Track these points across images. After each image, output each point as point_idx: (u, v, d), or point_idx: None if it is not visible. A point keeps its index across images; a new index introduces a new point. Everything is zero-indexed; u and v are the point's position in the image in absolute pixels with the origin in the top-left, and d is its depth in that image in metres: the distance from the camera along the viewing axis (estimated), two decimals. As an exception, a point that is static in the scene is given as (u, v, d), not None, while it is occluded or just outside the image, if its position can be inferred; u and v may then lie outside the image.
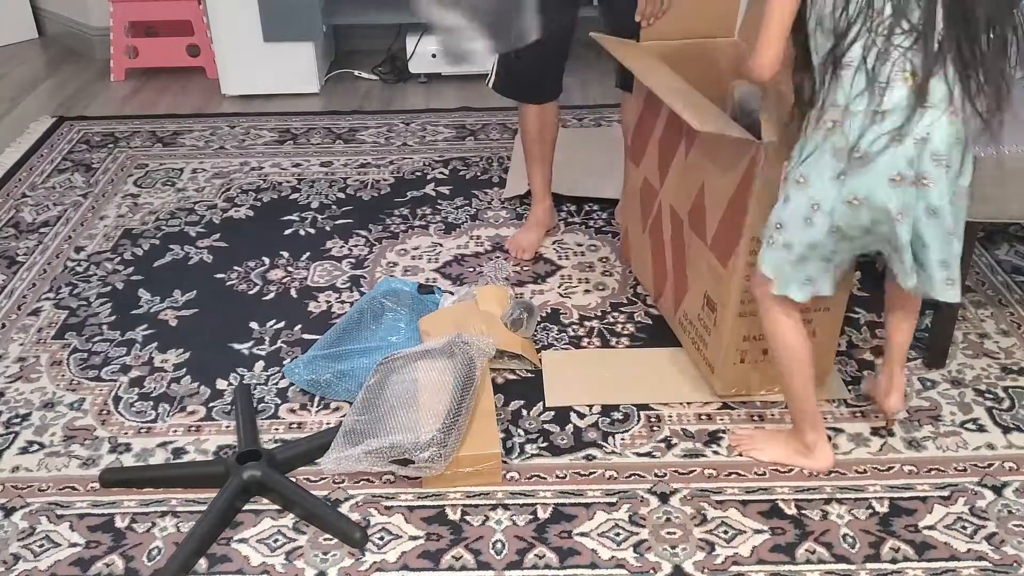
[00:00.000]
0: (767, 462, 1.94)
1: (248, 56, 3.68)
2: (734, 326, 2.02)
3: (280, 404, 2.13)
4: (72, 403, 2.15)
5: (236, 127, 3.51)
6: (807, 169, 1.68)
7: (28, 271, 2.64)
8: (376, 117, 3.58)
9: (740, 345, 2.04)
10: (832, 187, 1.65)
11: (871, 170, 1.61)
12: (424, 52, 3.83)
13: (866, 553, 1.74)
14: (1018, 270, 2.55)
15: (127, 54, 3.98)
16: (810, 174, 1.68)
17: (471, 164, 3.19)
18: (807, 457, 1.93)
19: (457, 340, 2.07)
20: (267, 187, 3.07)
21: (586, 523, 1.82)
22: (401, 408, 1.93)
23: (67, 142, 3.39)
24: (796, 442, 1.94)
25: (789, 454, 1.94)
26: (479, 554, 1.76)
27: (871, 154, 1.60)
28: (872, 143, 1.60)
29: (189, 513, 1.85)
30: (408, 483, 1.91)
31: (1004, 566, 1.72)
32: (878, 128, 1.59)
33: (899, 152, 1.59)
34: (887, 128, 1.59)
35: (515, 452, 1.98)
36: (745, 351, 2.05)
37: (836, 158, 1.64)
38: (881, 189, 1.61)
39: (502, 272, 2.60)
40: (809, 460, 1.93)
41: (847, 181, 1.63)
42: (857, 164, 1.61)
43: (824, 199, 1.67)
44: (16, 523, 1.84)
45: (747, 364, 2.07)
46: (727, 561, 1.73)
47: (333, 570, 1.73)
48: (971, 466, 1.93)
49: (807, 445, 1.92)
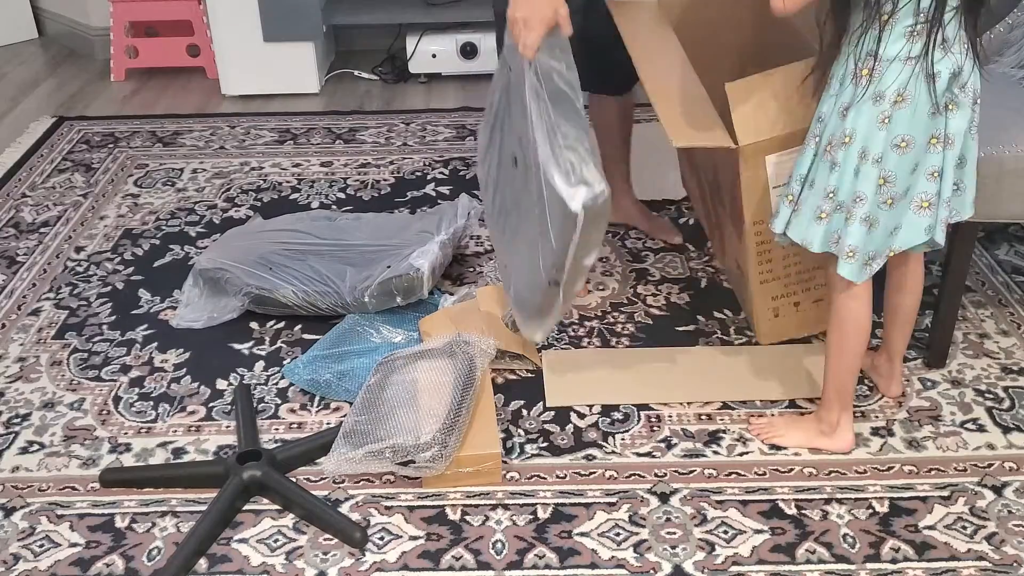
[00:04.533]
0: (790, 447, 1.95)
1: (248, 56, 3.68)
2: (759, 291, 2.16)
3: (280, 404, 2.13)
4: (72, 403, 2.15)
5: (236, 127, 3.51)
6: (851, 124, 1.68)
7: (28, 271, 2.64)
8: (376, 117, 3.58)
9: (770, 304, 2.18)
10: (878, 133, 1.67)
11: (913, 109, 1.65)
12: (424, 52, 3.83)
13: (866, 553, 1.74)
14: (1018, 270, 2.55)
15: (127, 54, 3.98)
16: (856, 126, 1.68)
17: (471, 164, 3.19)
18: (830, 437, 1.94)
19: (458, 340, 2.07)
20: (267, 187, 3.07)
21: (586, 523, 1.82)
22: (401, 408, 1.93)
23: (67, 142, 3.39)
24: (819, 423, 1.95)
25: (811, 436, 1.96)
26: (479, 554, 1.76)
27: (911, 96, 1.64)
28: (907, 86, 1.64)
29: (189, 513, 1.85)
30: (408, 483, 1.91)
31: (1004, 566, 1.72)
32: (911, 71, 1.63)
33: (934, 89, 1.64)
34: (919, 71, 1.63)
35: (515, 452, 1.98)
36: (777, 308, 2.19)
37: (877, 104, 1.66)
38: (923, 123, 1.66)
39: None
40: (832, 441, 1.94)
41: (890, 126, 1.66)
42: (900, 106, 1.65)
43: (872, 145, 1.68)
44: (16, 523, 1.84)
45: (781, 318, 2.21)
46: (727, 561, 1.73)
47: (333, 570, 1.73)
48: (971, 466, 1.93)
49: (832, 424, 1.93)
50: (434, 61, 3.85)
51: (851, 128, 1.68)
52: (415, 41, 3.83)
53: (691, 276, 2.55)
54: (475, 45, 3.77)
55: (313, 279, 2.36)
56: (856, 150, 1.69)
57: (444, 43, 3.81)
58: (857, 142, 1.68)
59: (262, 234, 2.60)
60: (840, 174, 1.71)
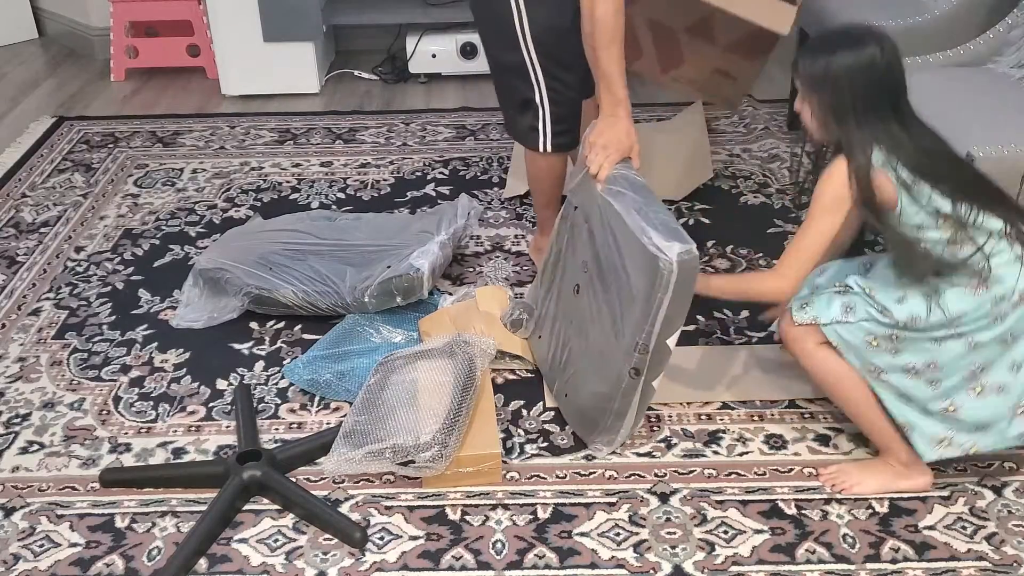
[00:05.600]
0: (871, 493, 1.87)
1: (248, 56, 3.68)
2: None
3: (280, 404, 2.13)
4: (72, 403, 2.15)
5: (236, 127, 3.51)
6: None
7: (28, 271, 2.64)
8: (376, 117, 3.58)
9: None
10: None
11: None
12: (424, 52, 3.83)
13: (866, 553, 1.74)
14: (1018, 270, 2.55)
15: (127, 54, 3.98)
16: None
17: (471, 164, 3.19)
18: (908, 478, 1.87)
19: (458, 340, 2.07)
20: (267, 187, 3.07)
21: (586, 523, 1.82)
22: (401, 408, 1.93)
23: (67, 142, 3.39)
24: (892, 465, 1.88)
25: (889, 480, 1.87)
26: (479, 554, 1.76)
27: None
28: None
29: (189, 513, 1.85)
30: (408, 483, 1.91)
31: (1004, 566, 1.72)
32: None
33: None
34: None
35: (515, 452, 1.98)
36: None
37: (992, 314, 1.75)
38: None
39: (502, 272, 2.60)
40: (911, 480, 1.87)
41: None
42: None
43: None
44: (16, 523, 1.84)
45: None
46: (727, 561, 1.73)
47: (333, 570, 1.73)
48: (971, 466, 1.93)
49: (904, 463, 1.87)
50: (434, 61, 3.85)
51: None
52: (415, 41, 3.84)
53: (691, 276, 2.55)
54: (475, 45, 3.77)
55: (313, 279, 2.36)
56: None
57: (444, 43, 3.81)
58: None
59: (262, 234, 2.60)
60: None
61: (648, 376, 1.86)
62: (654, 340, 1.82)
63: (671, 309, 1.79)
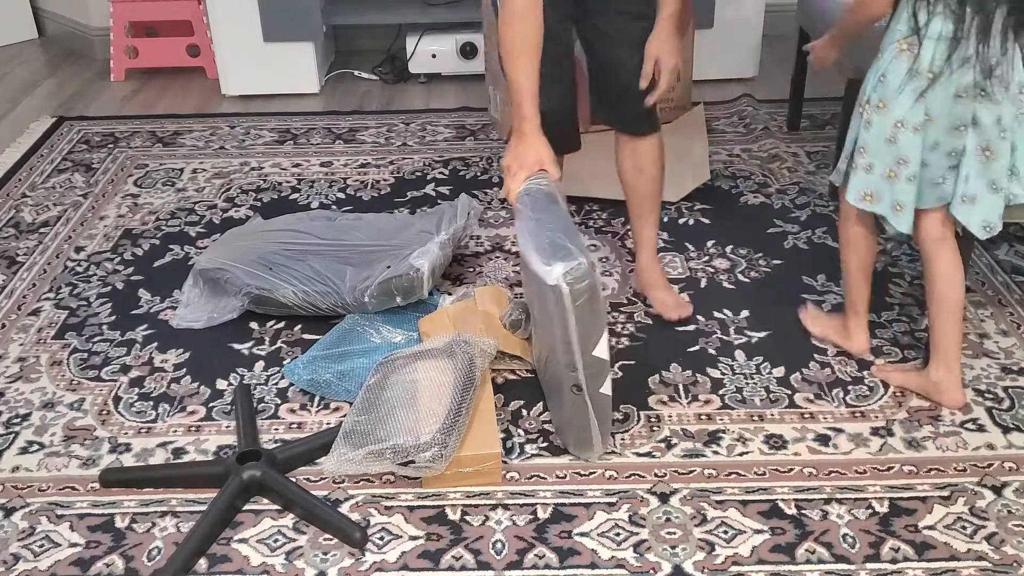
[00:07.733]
0: (904, 386, 2.12)
1: (248, 56, 3.68)
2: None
3: (280, 404, 2.13)
4: (72, 403, 2.15)
5: (236, 127, 3.51)
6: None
7: (28, 271, 2.64)
8: (376, 117, 3.58)
9: None
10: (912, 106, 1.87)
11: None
12: (424, 52, 3.83)
13: (866, 553, 1.74)
14: (1018, 270, 2.55)
15: (127, 54, 3.98)
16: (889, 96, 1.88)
17: (471, 164, 3.19)
18: (938, 393, 2.07)
19: (458, 340, 2.07)
20: (267, 187, 3.07)
21: (586, 523, 1.82)
22: (401, 409, 1.93)
23: (67, 142, 3.39)
24: (926, 377, 2.09)
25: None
26: (479, 554, 1.76)
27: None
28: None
29: (189, 513, 1.85)
30: (408, 483, 1.91)
31: (1004, 566, 1.72)
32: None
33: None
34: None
35: (515, 452, 1.98)
36: None
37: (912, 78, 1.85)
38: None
39: (502, 272, 2.60)
40: (945, 395, 2.07)
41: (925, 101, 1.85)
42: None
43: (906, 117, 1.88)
44: (16, 523, 1.84)
45: None
46: (727, 561, 1.73)
47: (333, 570, 1.73)
48: (971, 466, 1.93)
49: (935, 381, 2.07)
50: (434, 61, 3.85)
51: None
52: (415, 41, 3.84)
53: (691, 276, 2.55)
54: (475, 45, 3.77)
55: (313, 279, 2.36)
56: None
57: (444, 43, 3.81)
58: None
59: (262, 234, 2.60)
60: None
61: (591, 387, 1.84)
62: (580, 357, 1.81)
63: (582, 326, 1.78)
